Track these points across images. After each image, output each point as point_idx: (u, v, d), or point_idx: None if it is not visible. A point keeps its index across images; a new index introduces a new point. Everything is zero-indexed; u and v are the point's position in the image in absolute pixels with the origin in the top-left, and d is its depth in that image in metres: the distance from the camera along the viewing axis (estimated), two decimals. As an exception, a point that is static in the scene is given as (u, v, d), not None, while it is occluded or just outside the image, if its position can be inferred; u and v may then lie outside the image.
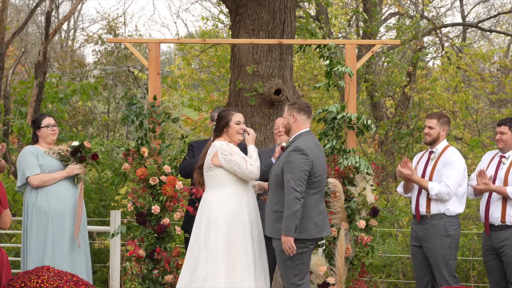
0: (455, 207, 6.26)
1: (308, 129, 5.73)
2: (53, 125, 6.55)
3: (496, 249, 6.27)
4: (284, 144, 5.76)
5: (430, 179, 6.28)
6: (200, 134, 15.31)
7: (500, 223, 6.22)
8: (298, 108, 5.72)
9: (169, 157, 6.95)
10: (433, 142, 6.40)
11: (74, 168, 6.50)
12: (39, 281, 4.98)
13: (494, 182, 6.31)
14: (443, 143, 6.40)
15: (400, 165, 6.36)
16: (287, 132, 5.78)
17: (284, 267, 5.62)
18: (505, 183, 6.23)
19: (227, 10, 9.48)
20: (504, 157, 6.35)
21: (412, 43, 13.34)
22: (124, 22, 26.12)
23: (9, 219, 5.24)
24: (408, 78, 13.47)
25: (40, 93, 11.33)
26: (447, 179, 6.19)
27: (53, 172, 6.43)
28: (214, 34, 16.17)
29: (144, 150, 6.47)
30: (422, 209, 6.29)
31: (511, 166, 6.26)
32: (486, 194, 6.35)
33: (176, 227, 6.55)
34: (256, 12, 7.98)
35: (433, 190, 6.19)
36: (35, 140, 6.58)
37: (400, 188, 6.62)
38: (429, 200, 6.25)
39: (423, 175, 6.35)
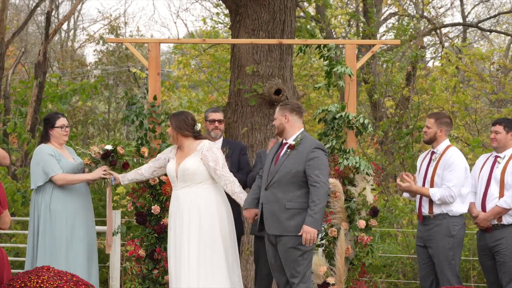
0: (459, 207, 6.22)
1: (303, 129, 5.79)
2: (66, 126, 6.47)
3: (491, 248, 6.26)
4: (293, 143, 5.68)
5: (432, 181, 6.26)
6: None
7: (496, 222, 6.22)
8: (290, 108, 5.77)
9: (169, 157, 6.94)
10: (431, 142, 6.37)
11: (100, 173, 6.32)
12: (39, 281, 4.97)
13: (489, 182, 6.29)
14: (444, 143, 6.33)
15: (399, 179, 6.36)
16: (281, 132, 5.78)
17: (295, 265, 5.59)
18: (501, 182, 6.20)
19: (227, 10, 9.47)
20: (499, 156, 6.32)
21: (412, 43, 13.32)
22: (125, 22, 26.06)
23: (9, 220, 5.23)
24: (406, 81, 13.46)
25: (40, 93, 11.33)
26: (448, 181, 6.15)
27: (72, 174, 6.32)
28: (214, 34, 16.14)
29: (144, 150, 6.47)
30: (425, 210, 6.27)
31: (507, 166, 6.23)
32: (481, 194, 6.32)
33: (176, 227, 6.54)
34: (256, 12, 7.98)
35: (435, 196, 6.16)
36: (47, 139, 6.44)
37: (406, 194, 6.61)
38: (431, 201, 6.23)
39: (424, 177, 6.33)
